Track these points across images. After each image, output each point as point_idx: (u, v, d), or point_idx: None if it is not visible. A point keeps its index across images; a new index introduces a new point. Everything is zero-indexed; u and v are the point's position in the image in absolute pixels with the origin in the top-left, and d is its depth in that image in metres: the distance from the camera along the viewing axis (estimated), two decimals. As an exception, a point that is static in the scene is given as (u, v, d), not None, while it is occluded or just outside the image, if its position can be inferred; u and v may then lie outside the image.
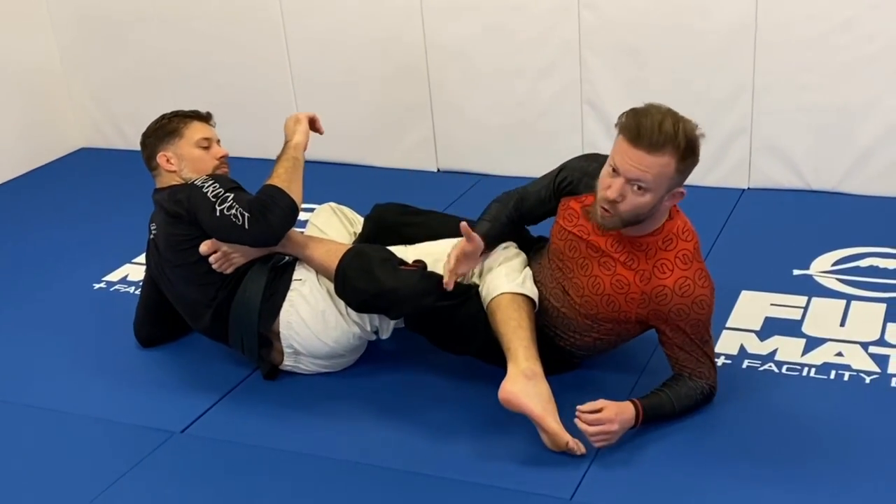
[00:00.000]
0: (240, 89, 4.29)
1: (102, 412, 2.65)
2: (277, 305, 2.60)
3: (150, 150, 2.81)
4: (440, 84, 3.98)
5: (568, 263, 2.45)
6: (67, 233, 3.82)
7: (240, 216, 2.52)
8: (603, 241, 2.38)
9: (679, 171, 2.21)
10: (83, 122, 4.73)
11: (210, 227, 2.57)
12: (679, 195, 2.28)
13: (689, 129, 2.19)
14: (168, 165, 2.77)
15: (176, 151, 2.77)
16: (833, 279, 3.03)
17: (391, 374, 2.71)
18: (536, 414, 2.28)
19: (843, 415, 2.41)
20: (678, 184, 2.25)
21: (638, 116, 2.18)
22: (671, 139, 2.16)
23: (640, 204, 2.23)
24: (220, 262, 2.61)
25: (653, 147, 2.16)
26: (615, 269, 2.37)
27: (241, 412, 2.61)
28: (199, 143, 2.78)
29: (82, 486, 2.36)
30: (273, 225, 2.54)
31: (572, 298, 2.44)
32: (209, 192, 2.59)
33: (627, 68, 3.67)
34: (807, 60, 3.46)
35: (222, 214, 2.54)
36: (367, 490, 2.29)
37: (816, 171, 3.60)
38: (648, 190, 2.20)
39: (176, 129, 2.79)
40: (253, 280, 2.61)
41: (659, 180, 2.20)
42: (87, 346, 2.98)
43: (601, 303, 2.39)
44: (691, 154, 2.20)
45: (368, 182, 4.04)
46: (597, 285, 2.39)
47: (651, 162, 2.17)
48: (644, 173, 2.18)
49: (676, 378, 2.41)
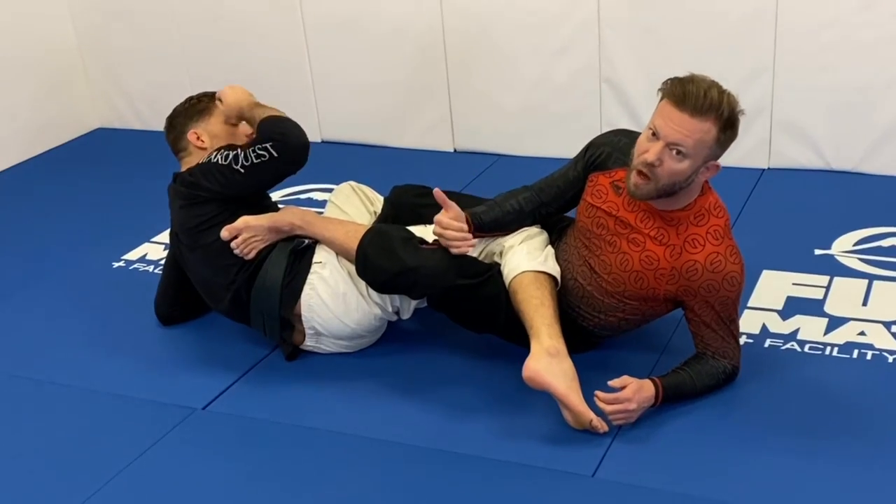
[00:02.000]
0: (256, 70, 4.27)
1: (124, 389, 2.66)
2: (298, 289, 2.60)
3: (179, 129, 2.83)
4: (457, 64, 3.96)
5: (595, 241, 2.44)
6: (85, 213, 3.82)
7: (264, 153, 2.58)
8: (633, 217, 2.37)
9: (718, 142, 2.21)
10: (100, 103, 4.73)
11: (241, 185, 2.61)
12: (714, 168, 2.27)
13: (732, 101, 2.20)
14: (199, 143, 2.79)
15: (206, 129, 2.80)
16: (855, 259, 3.01)
17: (412, 353, 2.71)
18: (560, 391, 2.28)
19: (866, 393, 2.40)
20: (715, 156, 2.24)
21: (684, 82, 2.19)
22: (716, 106, 2.16)
23: (677, 171, 2.22)
24: (241, 247, 2.61)
25: (697, 111, 2.16)
26: (644, 244, 2.35)
27: (262, 389, 2.62)
28: (228, 121, 2.80)
29: (106, 461, 2.37)
30: (297, 135, 2.62)
31: (600, 276, 2.43)
32: (219, 161, 2.62)
33: (647, 47, 3.65)
34: (827, 40, 3.43)
35: (244, 166, 2.59)
36: (388, 466, 2.29)
37: (837, 150, 3.57)
38: (687, 156, 2.20)
39: (206, 107, 2.82)
40: (273, 264, 2.61)
41: (698, 147, 2.19)
42: (108, 325, 2.99)
43: (629, 280, 2.38)
44: (731, 126, 2.20)
45: (385, 163, 4.03)
46: (625, 262, 2.38)
47: (693, 126, 2.17)
48: (686, 137, 2.18)
49: (699, 357, 2.40)
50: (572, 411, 2.29)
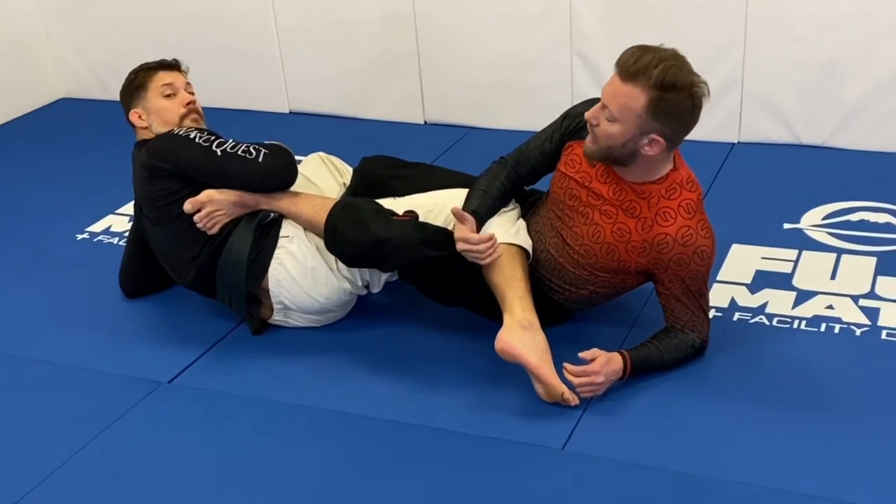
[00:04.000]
0: (223, 39, 4.21)
1: (88, 363, 2.62)
2: (265, 264, 2.57)
3: (125, 109, 2.77)
4: (428, 35, 3.92)
5: (568, 212, 2.42)
6: (49, 183, 3.76)
7: (252, 151, 2.53)
8: (605, 189, 2.36)
9: (650, 112, 2.16)
10: (63, 73, 4.64)
11: (210, 171, 2.53)
12: (656, 143, 2.22)
13: (673, 72, 2.14)
14: (140, 122, 2.73)
15: (144, 106, 2.73)
16: (824, 233, 3.02)
17: (382, 327, 2.69)
18: (533, 364, 2.27)
19: (834, 366, 2.41)
20: (652, 128, 2.19)
21: (633, 49, 2.19)
22: (643, 72, 2.14)
23: (610, 133, 2.22)
24: (204, 221, 2.56)
25: (625, 76, 2.17)
26: (617, 216, 2.34)
27: (229, 363, 2.59)
28: (162, 92, 2.72)
29: (71, 435, 2.34)
30: (289, 162, 2.55)
31: (572, 248, 2.41)
32: (197, 139, 2.55)
33: (619, 20, 3.63)
34: (798, 14, 3.43)
35: (226, 153, 2.52)
36: (357, 440, 2.28)
37: (807, 125, 3.58)
38: (616, 120, 2.20)
39: (142, 83, 2.74)
40: (239, 239, 2.57)
41: (624, 112, 2.18)
42: (72, 297, 2.94)
43: (601, 252, 2.37)
44: (663, 97, 2.14)
45: (354, 135, 3.99)
46: (597, 233, 2.37)
47: (621, 90, 2.18)
48: (612, 100, 2.20)
49: (668, 331, 2.41)
50: (544, 384, 2.29)
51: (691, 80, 2.17)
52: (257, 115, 4.27)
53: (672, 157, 2.33)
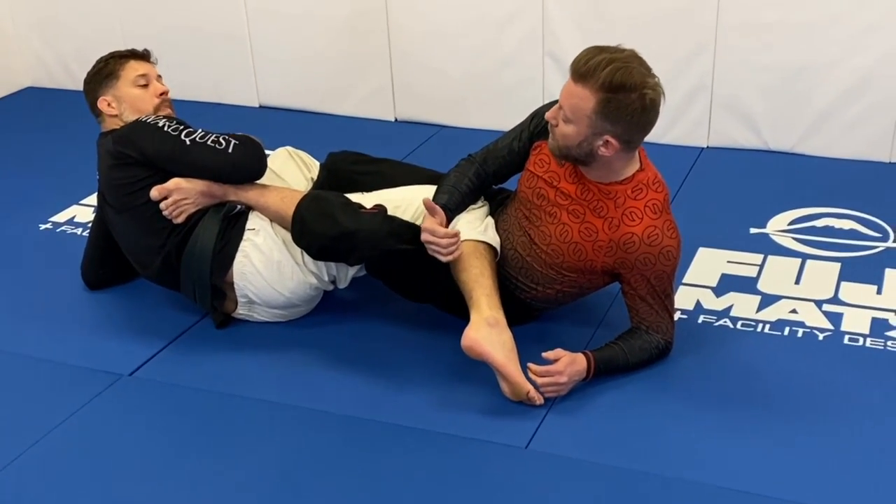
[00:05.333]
0: (192, 31, 4.17)
1: (48, 353, 2.59)
2: (231, 256, 2.54)
3: (91, 96, 2.74)
4: (399, 31, 3.91)
5: (535, 212, 2.42)
6: (13, 172, 3.71)
7: (222, 142, 2.51)
8: (573, 189, 2.36)
9: (599, 114, 2.16)
10: (29, 61, 4.58)
11: (179, 160, 2.50)
12: (610, 145, 2.21)
13: (622, 74, 2.13)
14: (109, 110, 2.70)
15: (115, 94, 2.70)
16: (789, 238, 3.04)
17: (347, 324, 2.67)
18: (498, 361, 2.26)
19: (796, 370, 2.42)
20: (604, 129, 2.19)
21: (587, 49, 2.19)
22: (591, 74, 2.14)
23: (565, 134, 2.24)
24: (170, 209, 2.53)
25: (576, 77, 2.18)
26: (584, 216, 2.34)
27: (191, 357, 2.56)
28: (136, 82, 2.70)
29: (29, 426, 2.31)
30: (259, 155, 2.54)
31: (539, 247, 2.41)
32: (166, 127, 2.53)
33: (591, 20, 3.63)
34: (768, 20, 3.45)
35: (195, 143, 2.50)
36: (318, 436, 2.26)
37: (775, 131, 3.61)
38: (570, 121, 2.22)
39: (112, 70, 2.71)
40: (205, 229, 2.54)
41: (576, 113, 2.19)
42: (33, 287, 2.90)
43: (568, 251, 2.37)
44: (611, 98, 2.14)
45: (324, 131, 3.97)
46: (565, 233, 2.37)
47: (573, 91, 2.19)
48: (565, 101, 2.22)
49: (632, 332, 2.41)
50: (510, 382, 2.28)
51: (642, 80, 2.15)
52: (227, 109, 4.23)
53: (637, 157, 2.33)
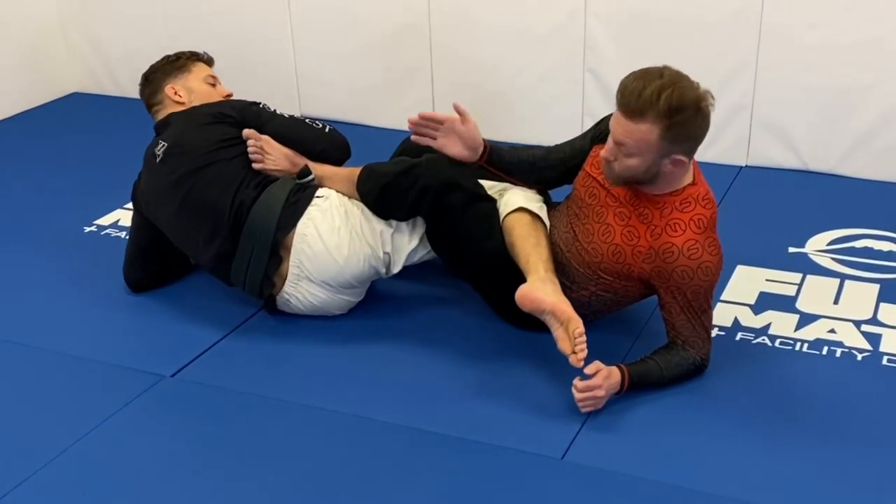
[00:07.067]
0: (238, 42, 4.23)
1: (91, 353, 2.63)
2: (298, 214, 2.60)
3: (156, 83, 2.86)
4: (441, 44, 3.95)
5: (584, 209, 2.46)
6: (58, 176, 3.77)
7: (319, 123, 2.82)
8: (623, 192, 2.38)
9: (665, 138, 2.19)
10: (77, 67, 4.66)
11: (280, 126, 2.76)
12: (679, 163, 2.25)
13: (676, 97, 2.15)
14: (176, 97, 2.83)
15: (185, 84, 2.86)
16: (828, 258, 3.03)
17: (388, 332, 2.69)
18: (549, 302, 2.29)
19: (834, 389, 2.41)
20: (671, 150, 2.22)
21: (628, 79, 2.20)
22: (650, 106, 2.15)
23: (630, 166, 2.25)
24: (256, 150, 2.68)
25: (632, 114, 2.18)
26: (629, 219, 2.36)
27: (233, 359, 2.59)
28: (206, 80, 2.89)
29: (70, 424, 2.34)
30: (346, 145, 2.83)
31: (580, 244, 2.44)
32: (263, 106, 2.81)
33: (632, 37, 3.65)
34: (810, 41, 3.45)
35: (294, 118, 2.78)
36: (356, 441, 2.28)
37: (814, 151, 3.60)
38: (633, 154, 2.22)
39: (184, 65, 2.89)
40: (278, 187, 2.64)
41: (641, 146, 2.20)
42: (77, 289, 2.95)
43: (608, 252, 2.39)
44: (675, 122, 2.16)
45: (366, 142, 3.99)
46: (608, 233, 2.39)
47: (631, 128, 2.19)
48: (626, 137, 2.21)
49: (669, 347, 2.41)
50: (561, 319, 2.28)
51: (694, 95, 2.18)
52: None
53: (691, 171, 2.35)
